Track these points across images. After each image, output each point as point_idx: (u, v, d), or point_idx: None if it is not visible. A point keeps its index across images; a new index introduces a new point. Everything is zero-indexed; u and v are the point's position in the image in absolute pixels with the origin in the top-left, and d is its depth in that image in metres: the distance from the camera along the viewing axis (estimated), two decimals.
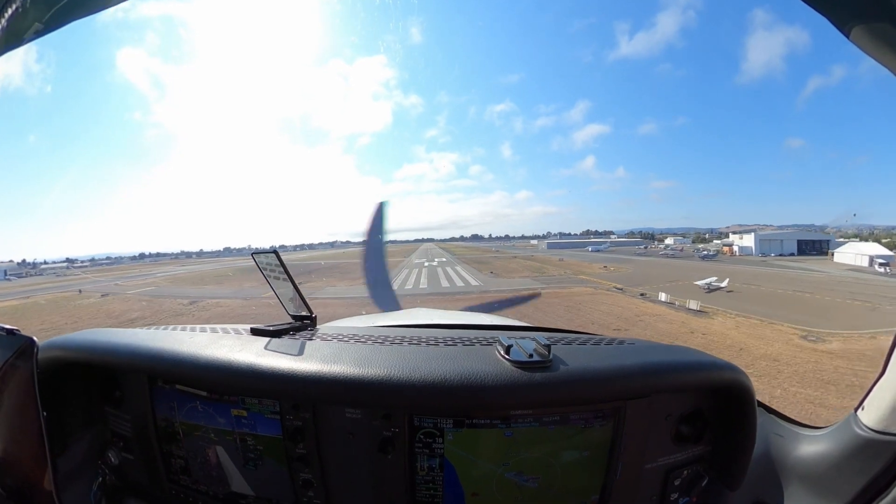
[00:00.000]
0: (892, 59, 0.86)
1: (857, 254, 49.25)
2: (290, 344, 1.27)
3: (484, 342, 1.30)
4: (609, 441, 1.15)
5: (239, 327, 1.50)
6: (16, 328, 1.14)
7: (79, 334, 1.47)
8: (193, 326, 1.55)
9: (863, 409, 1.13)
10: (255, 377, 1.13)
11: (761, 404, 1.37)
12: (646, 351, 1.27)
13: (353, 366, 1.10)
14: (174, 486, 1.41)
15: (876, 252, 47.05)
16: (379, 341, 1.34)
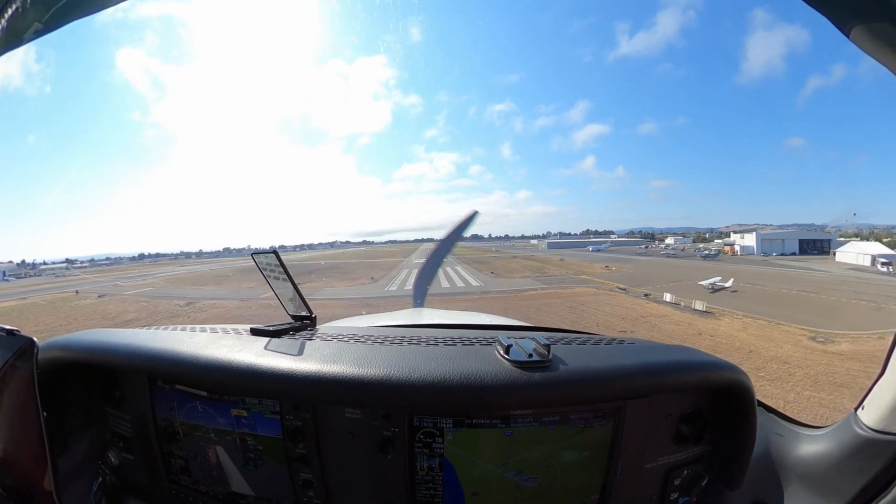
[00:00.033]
0: (892, 58, 0.86)
1: (859, 253, 49.20)
2: (290, 344, 1.27)
3: (483, 342, 1.30)
4: (609, 441, 1.15)
5: (239, 327, 1.50)
6: (16, 329, 1.15)
7: (79, 334, 1.47)
8: (193, 326, 1.55)
9: (863, 408, 1.13)
10: (255, 377, 1.13)
11: (761, 404, 1.37)
12: (646, 351, 1.27)
13: (353, 366, 1.10)
14: (174, 487, 1.41)
15: (878, 251, 46.99)
16: (379, 341, 1.34)
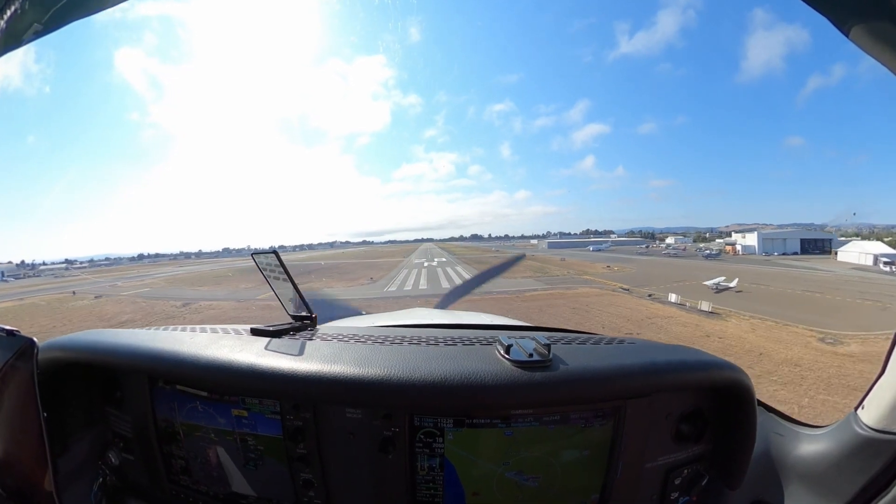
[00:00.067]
0: (892, 58, 0.86)
1: (861, 252, 49.02)
2: (291, 344, 1.27)
3: (484, 342, 1.30)
4: (609, 440, 1.15)
5: (239, 327, 1.50)
6: (16, 329, 1.15)
7: (79, 335, 1.47)
8: (194, 327, 1.55)
9: (863, 408, 1.13)
10: (255, 377, 1.13)
11: (761, 403, 1.37)
12: (646, 350, 1.27)
13: (354, 366, 1.10)
14: (174, 487, 1.41)
15: (880, 251, 46.77)
16: (379, 341, 1.34)
